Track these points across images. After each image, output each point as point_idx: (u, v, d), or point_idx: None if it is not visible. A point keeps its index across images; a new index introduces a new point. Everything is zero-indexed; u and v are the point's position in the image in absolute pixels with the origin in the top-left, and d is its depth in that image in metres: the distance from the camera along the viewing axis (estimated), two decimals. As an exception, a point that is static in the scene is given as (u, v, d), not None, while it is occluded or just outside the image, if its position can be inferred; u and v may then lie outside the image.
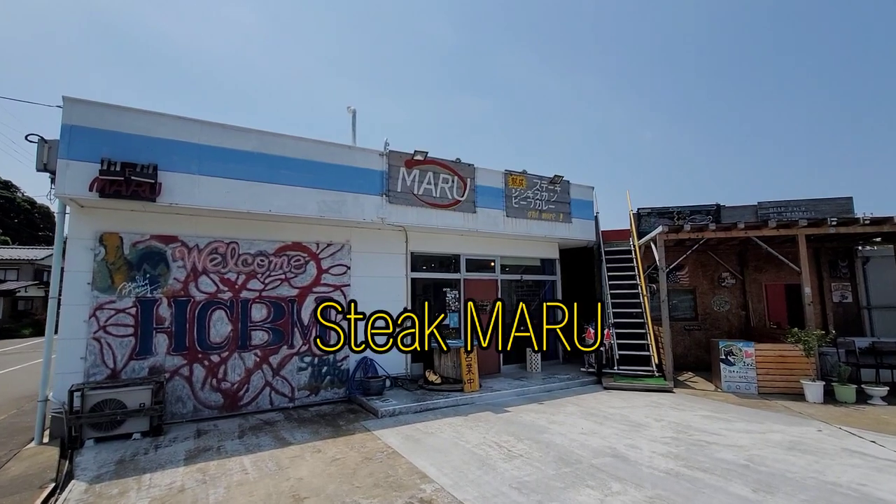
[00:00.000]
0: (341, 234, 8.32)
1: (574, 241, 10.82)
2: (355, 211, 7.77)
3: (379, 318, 8.31)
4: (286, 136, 7.30)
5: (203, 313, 7.05)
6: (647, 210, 11.73)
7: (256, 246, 7.55)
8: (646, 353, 9.57)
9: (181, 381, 6.81)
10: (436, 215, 8.61)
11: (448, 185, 8.80)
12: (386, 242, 8.82)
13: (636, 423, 6.38)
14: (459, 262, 9.74)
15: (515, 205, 9.65)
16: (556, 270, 11.25)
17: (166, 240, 6.90)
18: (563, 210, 10.37)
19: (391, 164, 8.21)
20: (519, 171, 9.81)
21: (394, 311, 8.65)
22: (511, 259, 10.60)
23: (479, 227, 9.11)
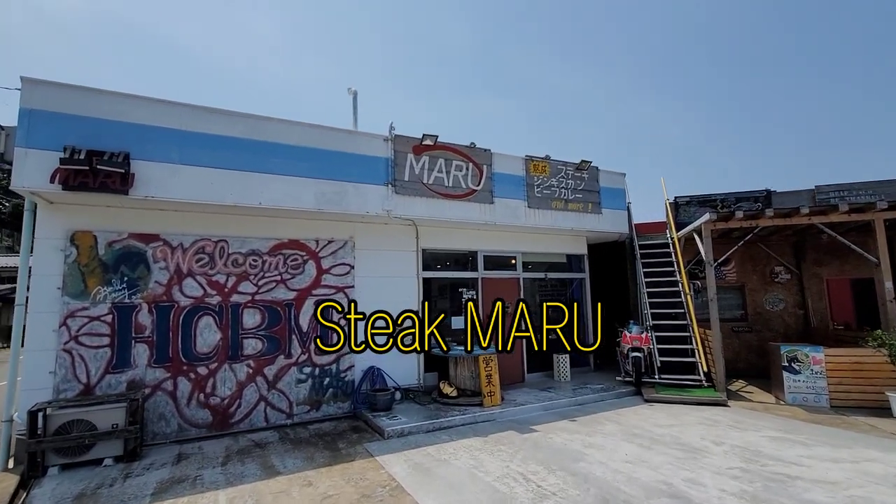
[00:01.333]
0: (344, 229, 7.48)
1: (604, 234, 9.72)
2: (357, 203, 6.91)
3: (379, 318, 7.42)
4: (278, 119, 6.50)
5: (188, 320, 6.29)
6: (686, 199, 10.53)
7: (248, 244, 6.76)
8: (691, 359, 8.40)
9: (164, 396, 6.06)
10: (448, 206, 7.69)
11: (462, 173, 7.86)
12: (394, 239, 7.93)
13: (692, 447, 5.29)
14: (477, 259, 8.78)
15: (538, 194, 8.64)
16: (585, 267, 10.16)
17: (147, 238, 6.18)
18: (591, 199, 9.30)
19: (397, 151, 7.33)
20: (541, 157, 8.80)
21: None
22: (534, 255, 9.58)
23: (498, 220, 8.14)
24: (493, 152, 8.25)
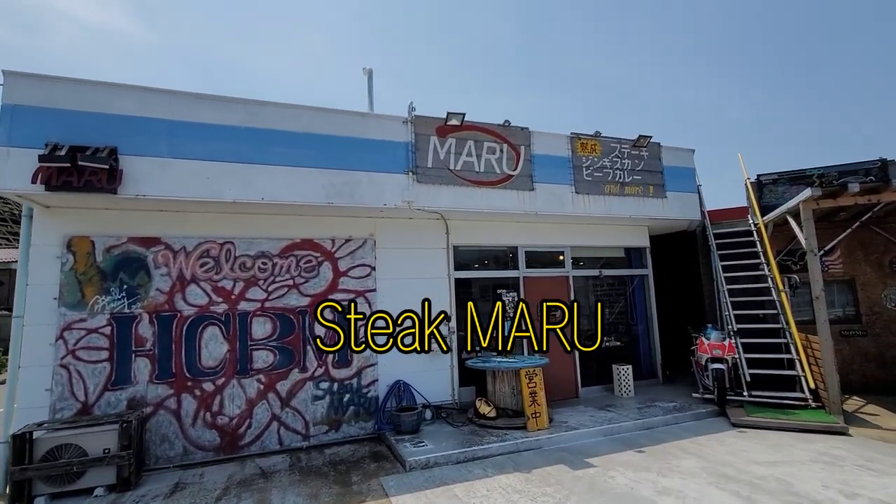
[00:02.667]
0: (362, 226, 6.65)
1: (670, 221, 8.22)
2: (372, 194, 6.05)
3: (407, 317, 6.50)
4: (280, 104, 5.78)
5: (192, 331, 5.70)
6: (772, 176, 8.75)
7: (257, 246, 6.10)
8: (789, 372, 6.77)
9: (167, 416, 5.49)
10: (480, 195, 6.64)
11: (495, 157, 6.78)
12: (420, 235, 7.00)
13: (811, 499, 3.88)
14: (517, 256, 7.65)
15: (588, 177, 7.36)
16: (647, 262, 8.70)
17: (147, 242, 5.67)
18: (652, 181, 7.86)
19: (418, 134, 6.39)
20: (590, 134, 7.52)
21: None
22: (586, 250, 8.28)
23: (540, 209, 6.97)
24: (533, 131, 7.10)
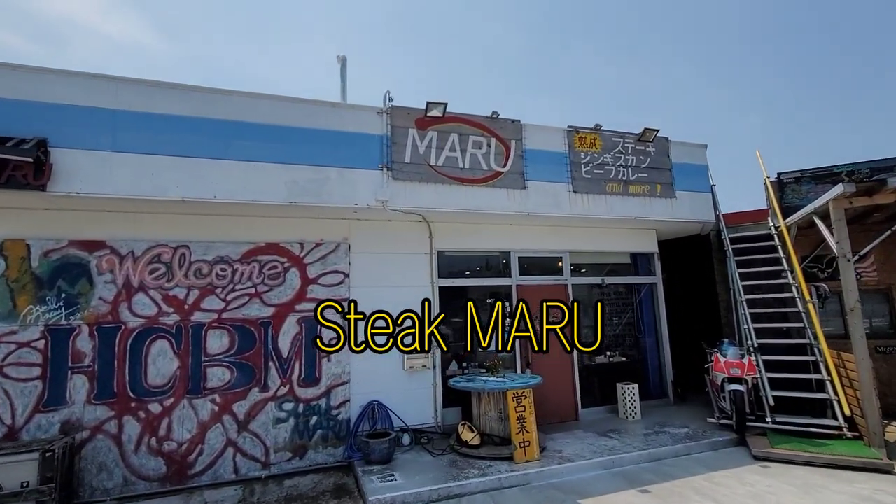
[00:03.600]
0: (335, 229, 6.03)
1: (680, 224, 7.44)
2: (342, 193, 5.42)
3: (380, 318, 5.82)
4: (239, 93, 5.21)
5: (138, 345, 5.11)
6: (794, 174, 7.92)
7: (216, 250, 5.51)
8: (820, 395, 5.93)
9: (106, 441, 4.88)
10: (465, 194, 5.97)
11: (482, 152, 6.12)
12: (400, 239, 6.35)
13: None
14: (510, 261, 6.94)
15: (587, 175, 6.65)
16: (656, 269, 7.91)
17: (90, 246, 5.11)
18: (660, 179, 7.11)
19: (395, 126, 5.76)
20: (589, 128, 6.82)
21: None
22: (587, 256, 7.54)
23: (532, 209, 6.27)
24: (525, 124, 6.43)
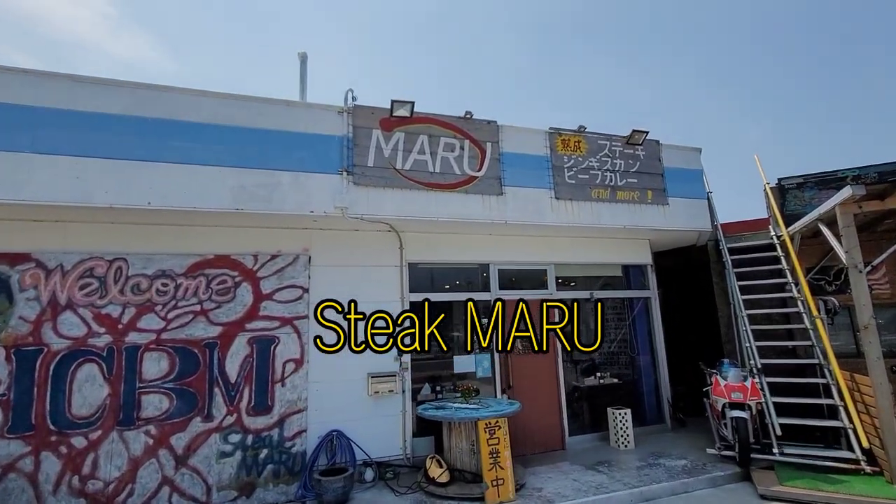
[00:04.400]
0: (294, 239, 5.50)
1: (674, 233, 6.89)
2: (296, 199, 4.91)
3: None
4: (179, 89, 4.73)
5: (62, 370, 4.54)
6: (796, 180, 7.39)
7: (157, 263, 4.98)
8: (833, 422, 5.31)
9: (20, 480, 4.28)
10: (435, 200, 5.45)
11: (454, 155, 5.62)
12: (368, 250, 5.82)
13: None
14: (489, 274, 6.39)
15: (570, 180, 6.14)
16: (650, 282, 7.35)
17: (12, 259, 4.58)
18: (651, 185, 6.59)
19: (357, 126, 5.28)
20: (572, 129, 6.32)
21: (384, 365, 5.58)
22: (574, 268, 6.98)
23: (511, 217, 5.75)
24: (502, 125, 5.94)
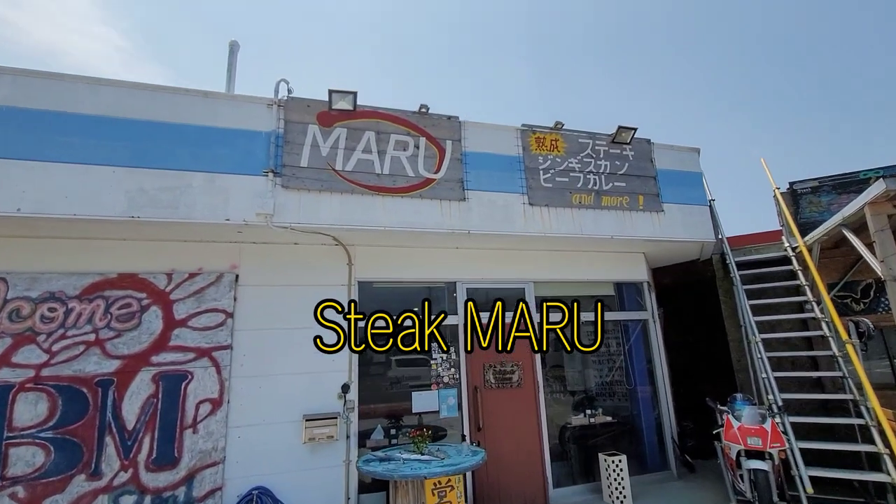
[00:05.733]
0: (219, 255, 4.67)
1: (672, 244, 5.97)
2: (209, 205, 4.10)
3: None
4: (72, 76, 4.01)
5: None
6: (811, 183, 6.50)
7: (44, 283, 4.16)
8: (877, 475, 4.25)
9: None
10: (383, 207, 4.62)
11: (407, 154, 4.82)
12: (310, 267, 4.97)
13: None
14: (456, 295, 5.49)
15: (547, 183, 5.29)
16: (647, 302, 6.39)
17: None
18: (642, 189, 5.72)
19: (289, 121, 4.51)
20: (548, 127, 5.52)
21: (325, 403, 4.66)
22: (557, 286, 6.05)
23: (474, 226, 4.88)
24: (466, 121, 5.15)
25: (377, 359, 5.15)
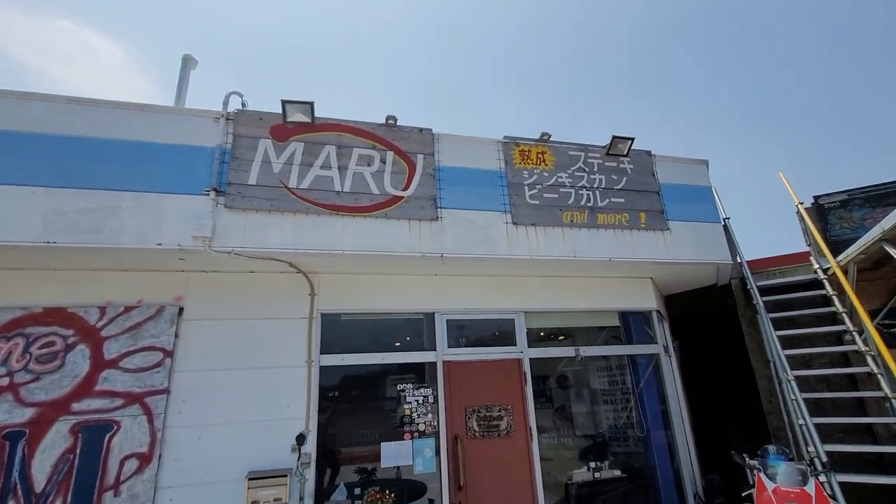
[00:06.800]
0: (164, 285, 4.16)
1: (680, 266, 5.24)
2: (138, 228, 3.62)
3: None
4: (2, 91, 3.68)
5: None
6: (839, 196, 5.77)
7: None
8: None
9: None
10: (342, 228, 4.08)
11: (372, 169, 4.32)
12: (266, 298, 4.41)
13: None
14: (434, 327, 4.84)
15: (533, 200, 4.70)
16: (658, 333, 5.61)
17: None
18: (644, 205, 5.08)
19: (239, 135, 4.07)
20: (533, 139, 4.99)
21: (277, 457, 4.00)
22: (551, 317, 5.35)
23: (448, 248, 4.29)
24: (440, 133, 4.66)
25: (342, 403, 4.49)
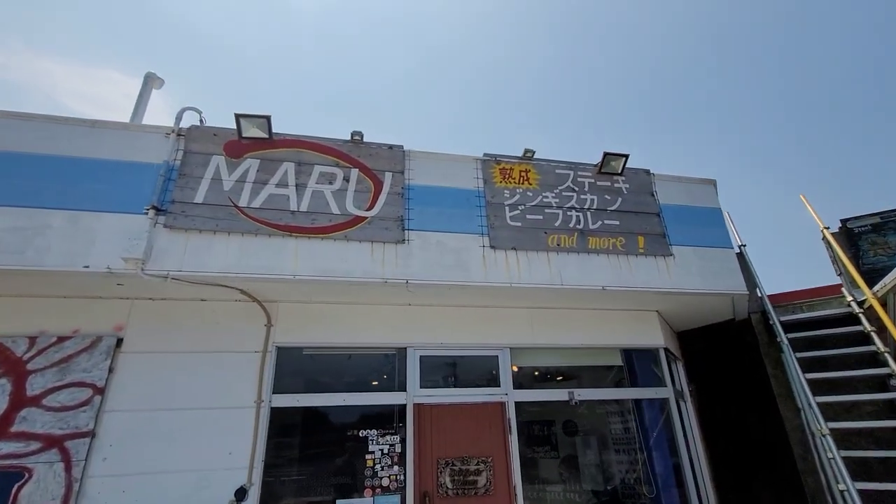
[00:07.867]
0: (104, 313, 3.80)
1: (687, 296, 4.60)
2: (66, 249, 3.29)
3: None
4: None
5: None
6: (871, 220, 5.11)
7: None
8: None
9: None
10: (295, 251, 3.68)
11: (333, 188, 3.96)
12: (218, 329, 3.99)
13: None
14: (406, 364, 4.30)
15: (515, 221, 4.23)
16: (668, 376, 4.90)
17: None
18: (642, 228, 4.54)
19: (190, 152, 3.79)
20: (516, 157, 4.57)
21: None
22: (542, 354, 4.75)
23: (415, 274, 3.82)
24: (411, 150, 4.30)
25: (294, 451, 3.94)
